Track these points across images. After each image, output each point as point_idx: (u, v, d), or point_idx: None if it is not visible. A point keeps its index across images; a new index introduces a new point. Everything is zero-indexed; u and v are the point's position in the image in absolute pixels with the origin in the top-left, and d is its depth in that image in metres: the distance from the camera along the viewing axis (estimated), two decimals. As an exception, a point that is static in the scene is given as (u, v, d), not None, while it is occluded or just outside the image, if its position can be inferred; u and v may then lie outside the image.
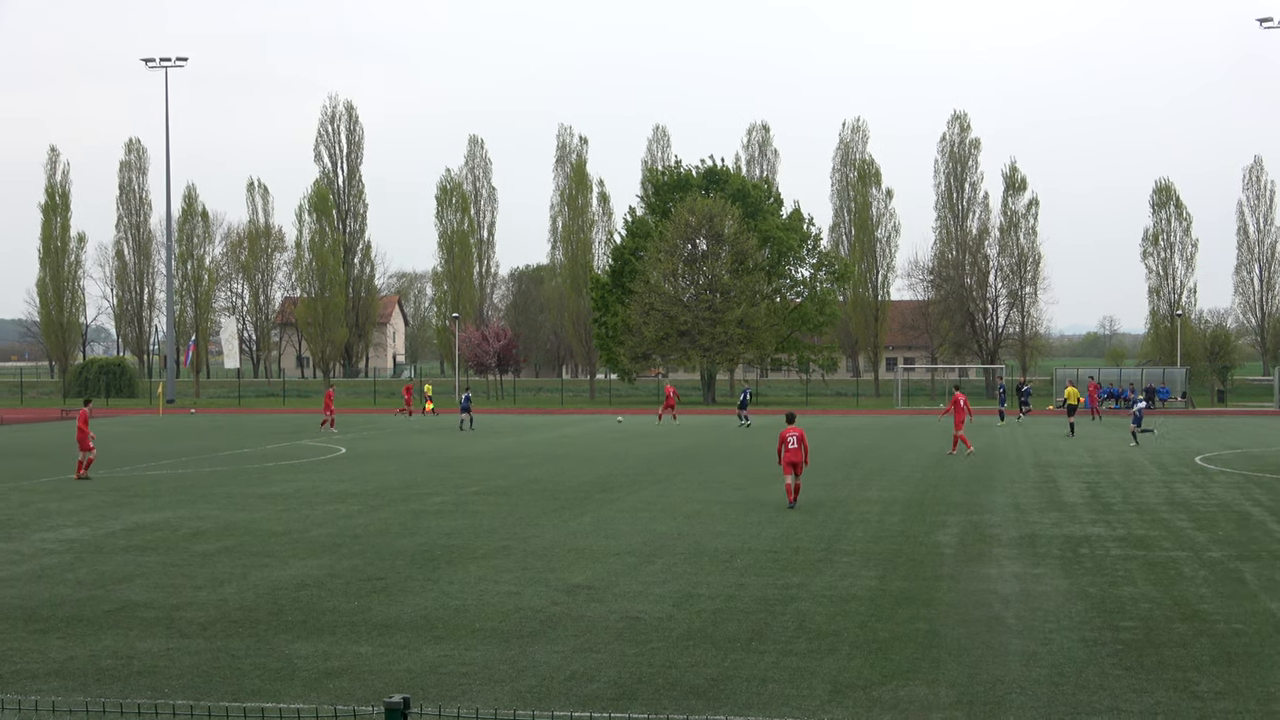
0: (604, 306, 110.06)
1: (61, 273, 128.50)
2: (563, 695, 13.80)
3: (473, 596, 19.33)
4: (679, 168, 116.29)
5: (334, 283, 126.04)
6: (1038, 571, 21.39)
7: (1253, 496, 32.44)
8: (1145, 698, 13.62)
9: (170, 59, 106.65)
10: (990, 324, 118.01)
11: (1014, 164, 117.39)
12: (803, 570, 21.49)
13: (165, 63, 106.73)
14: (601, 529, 26.69)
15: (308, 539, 25.47)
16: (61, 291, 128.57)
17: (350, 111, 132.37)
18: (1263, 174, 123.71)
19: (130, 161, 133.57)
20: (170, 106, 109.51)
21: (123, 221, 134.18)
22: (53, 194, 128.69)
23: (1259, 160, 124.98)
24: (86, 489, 35.08)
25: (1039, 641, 16.18)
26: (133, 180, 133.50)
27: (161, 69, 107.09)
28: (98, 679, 14.55)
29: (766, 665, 15.04)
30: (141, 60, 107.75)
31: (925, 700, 13.58)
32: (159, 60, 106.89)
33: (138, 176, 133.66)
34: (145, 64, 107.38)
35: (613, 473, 39.30)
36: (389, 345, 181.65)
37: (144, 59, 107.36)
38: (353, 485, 36.00)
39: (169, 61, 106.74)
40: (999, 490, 34.05)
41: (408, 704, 7.34)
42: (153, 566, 22.31)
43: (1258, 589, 19.79)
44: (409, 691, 13.31)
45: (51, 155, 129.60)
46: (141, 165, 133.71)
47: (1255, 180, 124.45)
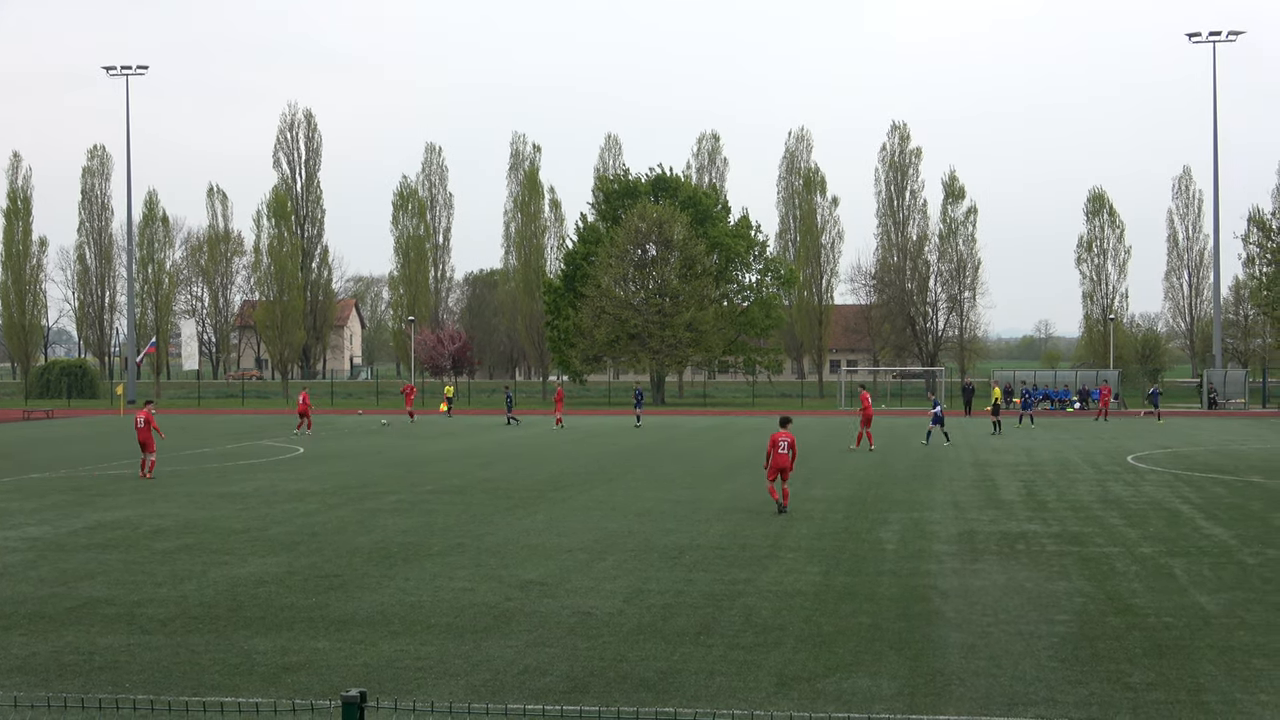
0: (556, 310, 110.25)
1: (23, 276, 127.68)
2: (516, 689, 13.78)
3: (428, 593, 19.27)
4: (629, 175, 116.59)
5: (292, 286, 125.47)
6: (976, 567, 21.49)
7: (1182, 494, 32.70)
8: (1080, 689, 13.71)
9: (131, 67, 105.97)
10: (930, 327, 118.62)
11: (953, 173, 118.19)
12: (749, 566, 21.53)
13: (126, 70, 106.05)
14: (554, 527, 26.65)
15: (266, 537, 25.33)
16: (23, 294, 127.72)
17: (309, 119, 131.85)
18: (1191, 184, 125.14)
19: (92, 167, 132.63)
20: (131, 113, 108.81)
21: (84, 226, 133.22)
22: (14, 199, 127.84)
23: (1188, 170, 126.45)
24: (49, 487, 34.77)
25: (977, 635, 16.26)
26: (95, 185, 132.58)
27: (123, 76, 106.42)
28: (60, 674, 14.43)
29: (714, 659, 15.05)
30: (103, 68, 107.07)
31: (868, 692, 13.62)
32: (120, 68, 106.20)
33: (100, 182, 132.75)
34: (107, 71, 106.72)
35: (564, 472, 39.26)
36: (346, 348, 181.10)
37: (105, 66, 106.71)
38: (310, 484, 35.83)
39: (130, 69, 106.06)
40: (939, 488, 34.20)
41: (364, 698, 7.31)
42: (114, 564, 22.14)
43: (1187, 584, 19.95)
44: (366, 686, 13.26)
45: (14, 161, 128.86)
46: (104, 171, 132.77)
47: (1184, 189, 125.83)
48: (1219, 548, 23.63)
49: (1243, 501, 31.21)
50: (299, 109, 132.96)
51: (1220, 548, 23.63)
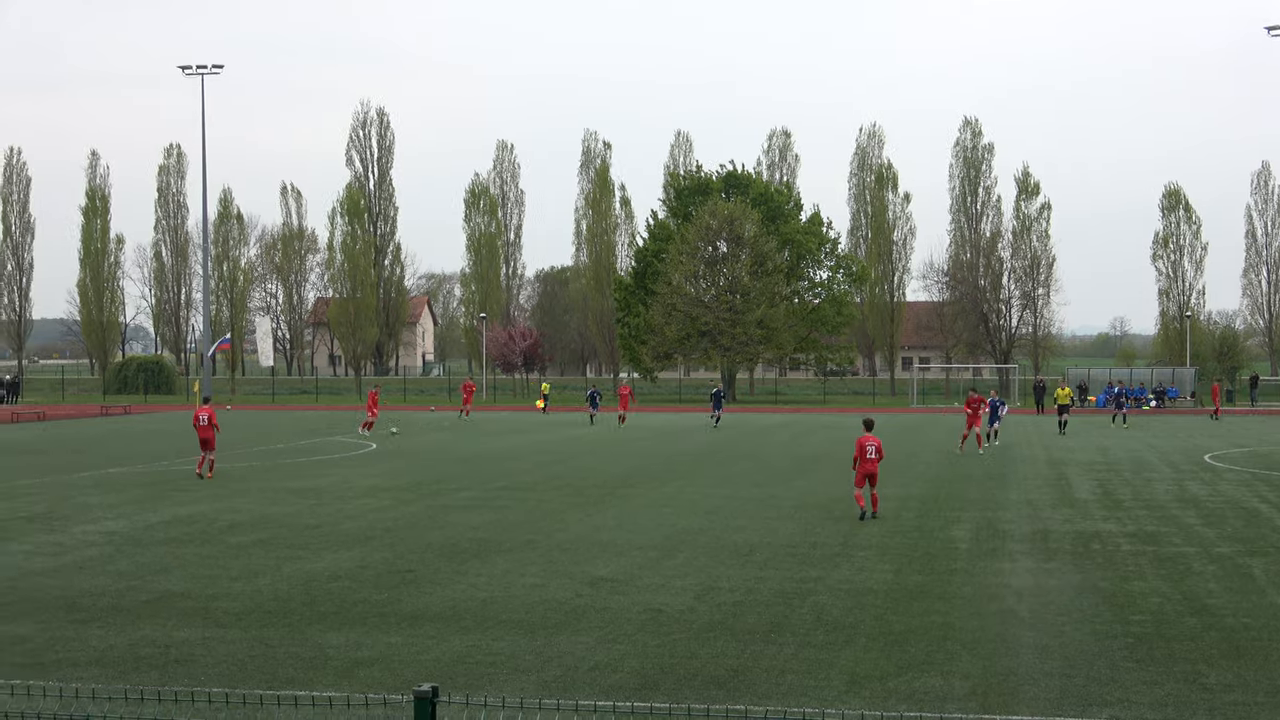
0: (627, 307, 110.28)
1: (101, 273, 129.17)
2: (587, 685, 13.80)
3: (499, 589, 19.35)
4: (700, 172, 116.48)
5: (365, 283, 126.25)
6: (1050, 566, 21.33)
7: (1260, 494, 32.32)
8: (1156, 689, 13.58)
9: (206, 66, 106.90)
10: (1004, 325, 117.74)
11: (1026, 168, 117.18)
12: (820, 564, 21.47)
13: (201, 69, 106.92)
14: (624, 524, 26.69)
15: (340, 532, 25.53)
16: (101, 292, 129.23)
17: (381, 117, 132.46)
18: (1270, 179, 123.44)
19: (168, 166, 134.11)
20: (206, 112, 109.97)
21: (161, 224, 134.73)
22: (93, 197, 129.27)
23: (1266, 165, 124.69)
24: (127, 482, 35.19)
25: (1051, 634, 16.14)
26: (171, 184, 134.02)
27: (198, 75, 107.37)
28: (136, 667, 14.61)
29: (785, 657, 15.02)
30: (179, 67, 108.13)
31: (940, 691, 13.55)
32: (195, 67, 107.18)
33: (175, 180, 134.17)
34: (182, 71, 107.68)
35: (635, 469, 39.31)
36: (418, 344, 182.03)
37: (181, 66, 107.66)
38: (383, 480, 36.06)
39: (205, 68, 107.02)
40: (1012, 487, 33.96)
41: (436, 693, 7.34)
42: (190, 558, 22.39)
43: (1265, 584, 19.71)
44: (437, 681, 13.32)
45: (92, 159, 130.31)
46: (179, 169, 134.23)
47: (1263, 184, 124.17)
48: (1298, 548, 23.34)
49: (1322, 501, 30.78)
50: (371, 107, 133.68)
51: (1299, 548, 23.34)
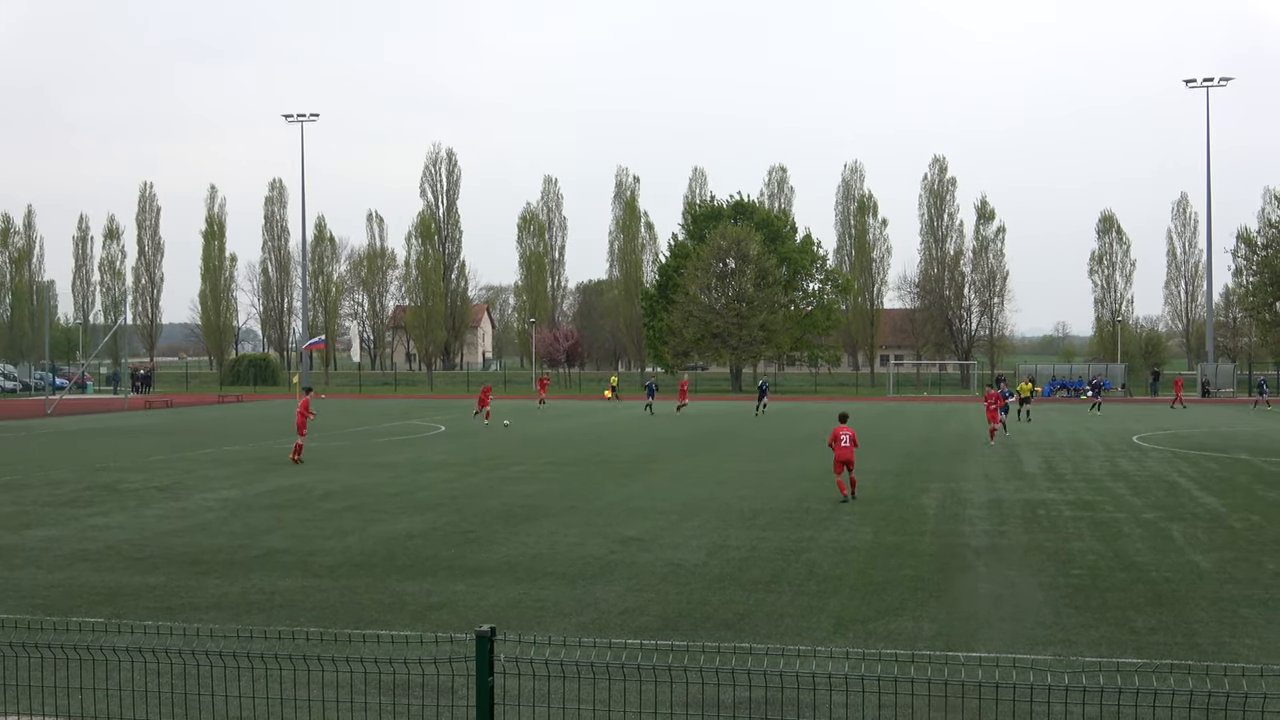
0: (652, 313, 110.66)
1: (219, 286, 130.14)
2: (618, 626, 13.80)
3: (545, 546, 19.35)
4: (713, 201, 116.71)
5: (435, 294, 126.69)
6: (1003, 529, 21.24)
7: (1179, 469, 32.11)
8: (1092, 632, 13.51)
9: (305, 114, 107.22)
10: (965, 328, 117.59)
11: (984, 198, 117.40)
12: (813, 526, 21.42)
13: (301, 118, 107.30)
14: (649, 492, 26.67)
15: (414, 500, 25.57)
16: (218, 301, 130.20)
17: (450, 156, 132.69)
18: (1188, 206, 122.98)
19: (273, 197, 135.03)
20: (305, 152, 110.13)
21: (267, 245, 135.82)
22: (212, 223, 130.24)
23: (1185, 195, 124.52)
24: (239, 458, 35.32)
25: (1004, 586, 16.07)
26: (274, 212, 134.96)
27: (298, 123, 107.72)
28: (247, 610, 14.66)
29: (783, 603, 14.99)
30: (282, 116, 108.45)
31: (912, 633, 13.50)
32: (295, 115, 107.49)
33: (278, 209, 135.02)
34: (285, 119, 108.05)
35: (658, 449, 39.28)
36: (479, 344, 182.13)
37: (284, 114, 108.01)
38: (450, 457, 36.11)
39: (304, 117, 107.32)
40: (972, 463, 33.82)
41: (494, 632, 7.35)
42: (291, 521, 22.46)
43: (1184, 544, 19.59)
44: (495, 622, 13.34)
45: (211, 192, 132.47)
46: (282, 200, 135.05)
47: (1182, 211, 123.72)
48: (1211, 514, 23.18)
49: (1231, 475, 30.56)
50: (442, 148, 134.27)
51: (1212, 514, 23.18)
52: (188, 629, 12.83)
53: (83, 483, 29.18)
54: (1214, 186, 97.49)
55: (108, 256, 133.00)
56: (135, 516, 23.17)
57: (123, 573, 17.23)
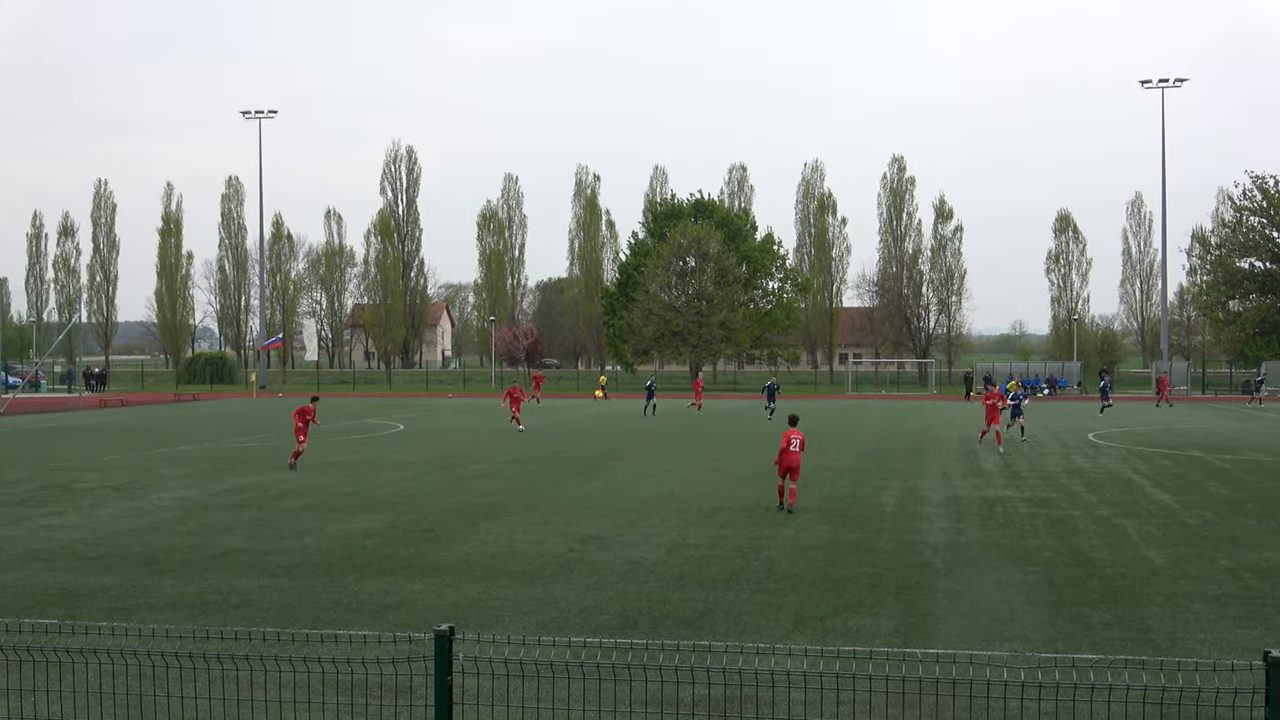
0: (612, 311, 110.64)
1: (175, 284, 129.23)
2: (577, 625, 13.79)
3: (505, 545, 19.32)
4: (674, 200, 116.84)
5: (394, 292, 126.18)
6: (961, 526, 21.38)
7: (1134, 466, 32.41)
8: (1047, 628, 13.61)
9: (263, 111, 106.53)
10: (923, 326, 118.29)
11: (943, 197, 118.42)
12: (771, 524, 21.48)
13: (259, 114, 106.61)
14: (609, 491, 26.67)
15: (372, 498, 25.46)
16: (174, 298, 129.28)
17: (410, 154, 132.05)
18: (1142, 206, 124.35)
19: (230, 194, 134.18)
20: (263, 150, 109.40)
21: (224, 242, 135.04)
22: (168, 220, 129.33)
23: (1139, 195, 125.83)
24: (195, 457, 35.05)
25: (961, 582, 16.18)
26: (231, 209, 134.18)
27: (256, 120, 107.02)
28: (203, 610, 14.55)
29: (742, 601, 15.03)
30: (240, 112, 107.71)
31: (870, 630, 13.57)
32: (254, 112, 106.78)
33: (235, 206, 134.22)
34: (243, 115, 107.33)
35: (618, 446, 39.28)
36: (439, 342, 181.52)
37: (242, 111, 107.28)
38: (408, 455, 35.98)
39: (262, 113, 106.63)
40: (930, 460, 34.01)
41: (452, 632, 7.33)
42: (248, 520, 22.32)
43: (1138, 540, 19.78)
44: (454, 621, 13.31)
45: (168, 189, 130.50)
46: (239, 197, 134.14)
47: (1136, 211, 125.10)
48: (1165, 511, 23.42)
49: (1184, 472, 30.89)
50: (402, 145, 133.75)
51: (1166, 511, 23.41)
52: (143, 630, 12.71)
53: (36, 482, 28.88)
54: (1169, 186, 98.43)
55: (62, 254, 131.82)
56: (90, 516, 22.95)
57: (77, 573, 17.06)
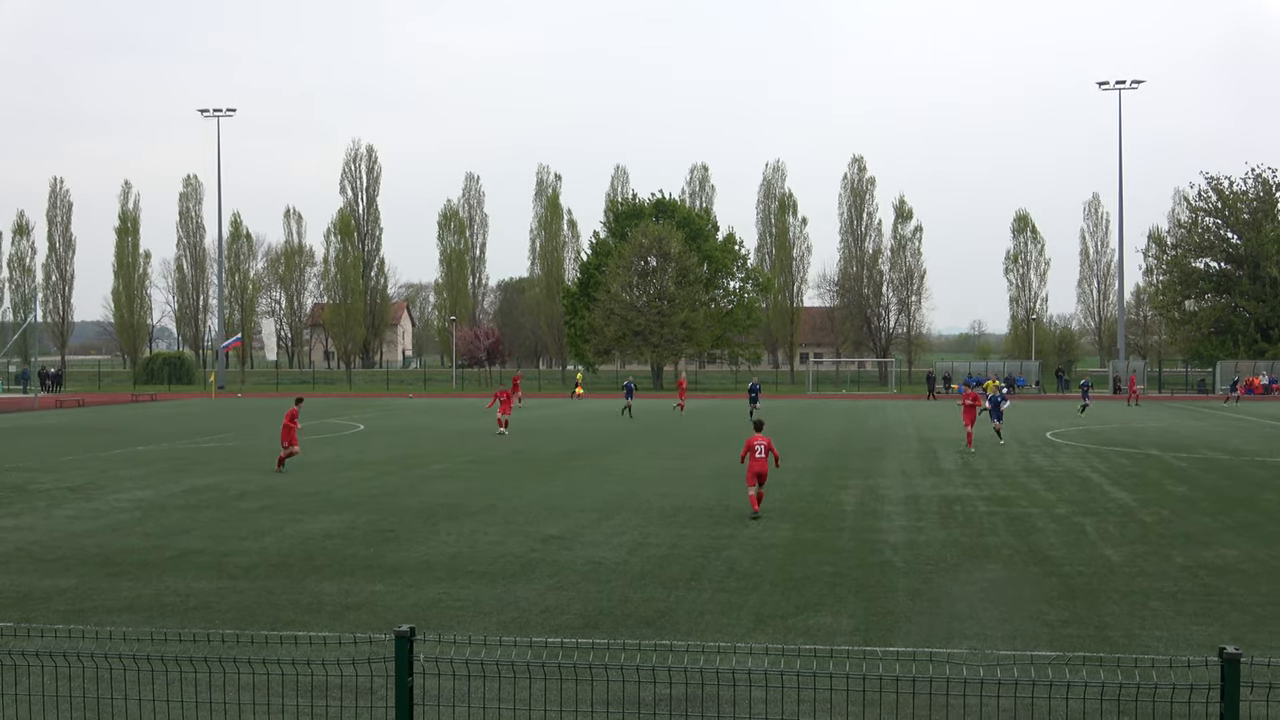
0: (573, 311, 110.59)
1: (132, 283, 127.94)
2: (539, 625, 13.77)
3: (466, 545, 19.27)
4: (635, 200, 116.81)
5: (354, 292, 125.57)
6: (920, 525, 21.49)
7: (1091, 464, 32.68)
8: (1006, 625, 13.70)
9: (221, 109, 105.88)
10: (883, 326, 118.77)
11: (903, 197, 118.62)
12: (732, 524, 21.52)
13: (218, 112, 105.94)
14: (570, 490, 26.65)
15: (332, 499, 25.33)
16: (132, 298, 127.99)
17: (370, 152, 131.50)
18: (1099, 207, 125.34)
19: (188, 193, 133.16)
20: (221, 148, 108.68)
21: (182, 241, 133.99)
22: (125, 219, 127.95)
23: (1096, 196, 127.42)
24: (153, 458, 34.77)
25: (921, 580, 16.26)
26: (190, 208, 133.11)
27: (214, 118, 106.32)
28: (160, 612, 14.44)
29: (703, 600, 15.05)
30: (198, 110, 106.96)
31: (831, 628, 13.61)
32: (212, 110, 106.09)
33: (194, 205, 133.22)
34: (201, 113, 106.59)
35: (579, 446, 39.25)
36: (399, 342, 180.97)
37: (200, 109, 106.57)
38: (368, 455, 35.82)
39: (220, 112, 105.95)
40: (890, 460, 34.17)
41: (413, 632, 7.31)
42: (206, 521, 22.16)
43: (1096, 538, 19.94)
44: (414, 622, 13.26)
45: (125, 188, 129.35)
46: (197, 196, 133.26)
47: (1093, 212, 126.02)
48: (1122, 509, 23.62)
49: (1142, 470, 31.18)
50: (362, 144, 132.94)
51: (1123, 509, 23.62)
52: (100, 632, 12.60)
53: (-9, 484, 28.56)
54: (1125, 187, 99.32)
55: (17, 253, 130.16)
56: (46, 517, 22.72)
57: (33, 575, 16.89)
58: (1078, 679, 7.40)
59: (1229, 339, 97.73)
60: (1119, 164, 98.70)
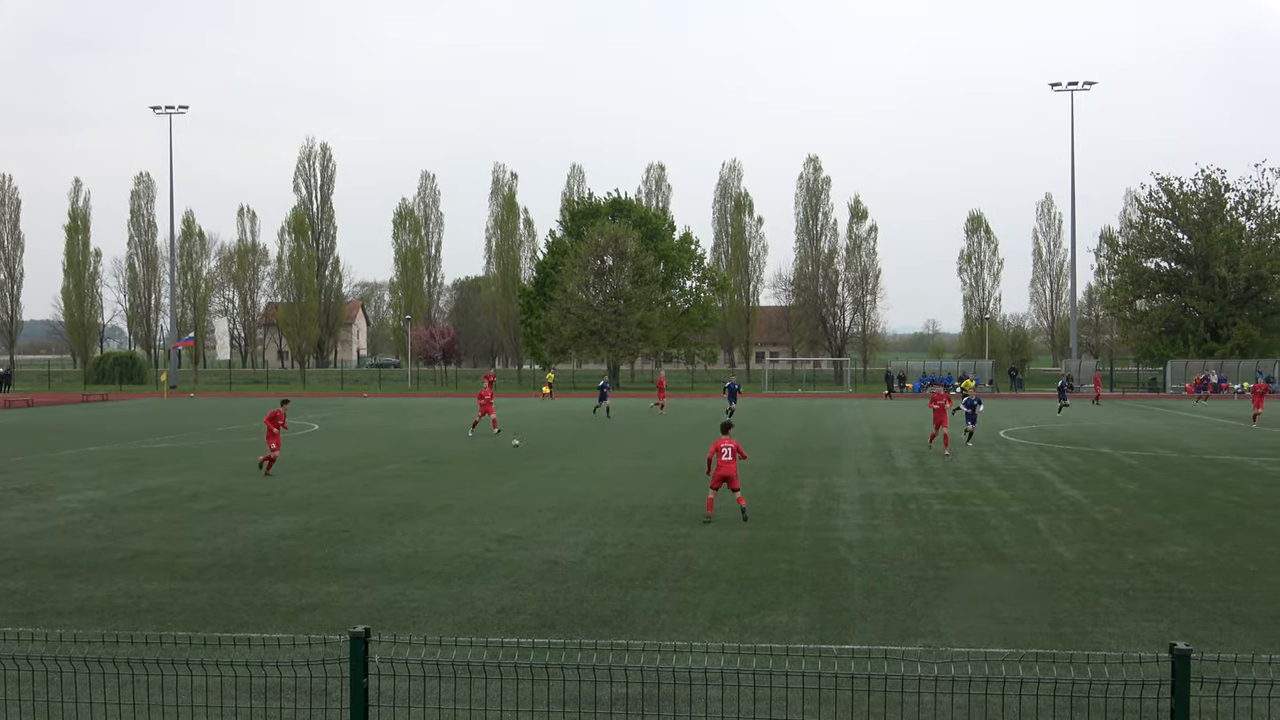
0: (529, 310, 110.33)
1: (83, 281, 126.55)
2: (495, 625, 13.74)
3: (421, 545, 19.19)
4: (591, 199, 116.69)
5: (309, 291, 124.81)
6: (875, 523, 21.59)
7: (1044, 462, 32.96)
8: (960, 623, 13.79)
9: (174, 106, 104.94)
10: (838, 325, 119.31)
11: (858, 197, 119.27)
12: (689, 523, 21.55)
13: (170, 110, 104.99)
14: (526, 490, 26.60)
15: (287, 499, 25.16)
16: (83, 297, 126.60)
17: (325, 150, 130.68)
18: (1052, 207, 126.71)
19: (140, 191, 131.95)
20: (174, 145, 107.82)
21: (134, 240, 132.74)
22: (75, 217, 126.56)
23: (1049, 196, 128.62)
24: (104, 458, 34.41)
25: (876, 579, 16.33)
26: (142, 206, 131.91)
27: (167, 115, 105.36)
28: (112, 615, 14.30)
29: (660, 599, 15.06)
30: (150, 108, 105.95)
31: (787, 626, 13.66)
32: (165, 107, 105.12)
33: (145, 203, 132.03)
34: (153, 110, 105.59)
35: (535, 445, 39.16)
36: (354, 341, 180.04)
37: (152, 106, 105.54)
38: (324, 455, 35.62)
39: (173, 109, 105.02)
40: (845, 458, 34.32)
41: (368, 633, 7.27)
42: (159, 522, 21.95)
43: (1049, 536, 20.11)
44: (370, 623, 13.19)
45: (75, 185, 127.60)
46: (149, 194, 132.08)
47: (1046, 212, 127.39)
48: (1074, 506, 23.84)
49: (1093, 469, 31.48)
50: (316, 142, 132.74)
51: (1075, 506, 23.84)
52: (50, 635, 12.46)
53: (-62, 485, 28.18)
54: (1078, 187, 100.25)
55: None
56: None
57: (-19, 578, 16.67)
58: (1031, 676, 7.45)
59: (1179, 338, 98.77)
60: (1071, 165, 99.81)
